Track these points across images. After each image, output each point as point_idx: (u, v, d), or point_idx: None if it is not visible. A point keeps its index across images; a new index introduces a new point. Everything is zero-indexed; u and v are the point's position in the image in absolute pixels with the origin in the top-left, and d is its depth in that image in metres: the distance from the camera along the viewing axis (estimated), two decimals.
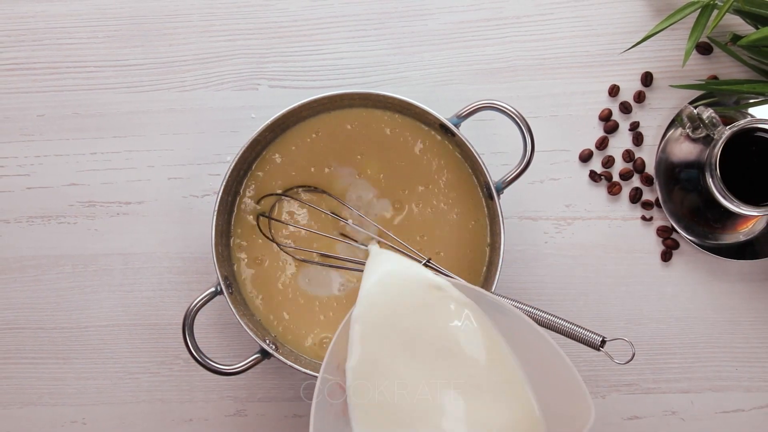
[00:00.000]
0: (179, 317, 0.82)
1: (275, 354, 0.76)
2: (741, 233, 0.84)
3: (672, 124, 0.84)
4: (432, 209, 0.80)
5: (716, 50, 0.85)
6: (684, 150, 0.84)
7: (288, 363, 0.76)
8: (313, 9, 0.86)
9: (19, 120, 0.86)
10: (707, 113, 0.79)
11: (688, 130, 0.82)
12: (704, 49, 0.85)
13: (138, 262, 0.86)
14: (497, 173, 0.78)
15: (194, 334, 0.76)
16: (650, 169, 0.85)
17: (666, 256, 0.85)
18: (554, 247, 0.85)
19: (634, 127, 0.85)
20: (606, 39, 0.85)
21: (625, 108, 0.85)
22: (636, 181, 0.86)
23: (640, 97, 0.85)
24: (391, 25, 0.86)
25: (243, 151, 0.77)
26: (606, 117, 0.85)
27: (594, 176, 0.85)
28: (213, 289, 0.77)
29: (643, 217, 0.85)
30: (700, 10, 0.81)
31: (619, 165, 0.86)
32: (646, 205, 0.85)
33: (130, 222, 0.86)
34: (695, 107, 0.80)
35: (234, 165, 0.77)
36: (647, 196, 0.86)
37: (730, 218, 0.84)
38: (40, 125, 0.86)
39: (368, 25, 0.86)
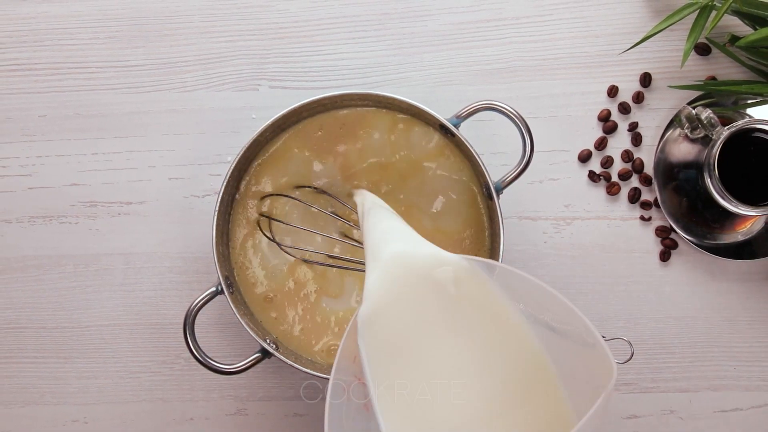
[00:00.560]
0: (180, 317, 0.82)
1: (276, 353, 0.76)
2: (739, 233, 0.85)
3: (670, 125, 0.85)
4: (432, 209, 0.80)
5: (715, 51, 0.85)
6: (682, 150, 0.84)
7: (288, 362, 0.76)
8: (314, 10, 0.86)
9: (20, 120, 0.86)
10: (705, 114, 0.79)
11: (686, 131, 0.82)
12: (703, 50, 0.85)
13: (139, 261, 0.86)
14: (497, 173, 0.78)
15: (195, 334, 0.76)
16: (649, 169, 0.86)
17: (664, 256, 0.85)
18: (553, 247, 0.86)
19: (633, 127, 0.86)
20: (605, 40, 0.85)
21: (624, 108, 0.85)
22: (635, 182, 0.86)
23: (638, 98, 0.85)
24: (391, 25, 0.86)
25: (244, 151, 0.78)
26: (605, 117, 0.86)
27: (593, 176, 0.86)
28: (214, 289, 0.77)
29: (642, 217, 0.86)
30: (698, 11, 0.81)
31: (618, 165, 0.86)
32: (645, 205, 0.86)
33: (131, 222, 0.86)
34: (694, 108, 0.80)
35: (235, 165, 0.77)
36: (646, 196, 0.86)
37: (729, 218, 0.84)
38: (42, 125, 0.86)
39: (368, 26, 0.86)
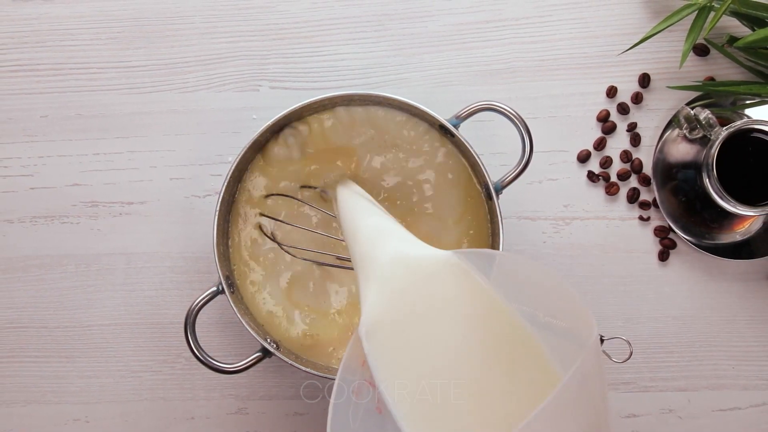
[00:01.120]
0: (181, 316, 0.82)
1: (276, 353, 0.76)
2: (737, 233, 0.85)
3: (669, 125, 0.85)
4: (431, 209, 0.81)
5: (713, 52, 0.85)
6: (681, 150, 0.84)
7: (289, 362, 0.76)
8: (314, 11, 0.86)
9: (22, 121, 0.87)
10: (704, 114, 0.79)
11: (685, 131, 0.82)
12: (701, 51, 0.85)
13: (140, 261, 0.86)
14: (496, 174, 0.78)
15: (196, 333, 0.76)
16: (648, 169, 0.86)
17: (663, 256, 0.86)
18: (553, 247, 0.86)
19: (632, 127, 0.86)
20: (604, 41, 0.86)
21: (623, 109, 0.86)
22: (633, 182, 0.86)
23: (637, 98, 0.86)
24: (391, 26, 0.86)
25: (244, 151, 0.78)
26: (604, 118, 0.86)
27: (592, 176, 0.86)
28: (214, 289, 0.77)
29: (641, 217, 0.86)
30: (697, 12, 0.81)
31: (617, 165, 0.86)
32: (644, 205, 0.86)
33: (132, 222, 0.86)
34: (692, 108, 0.81)
35: (235, 165, 0.78)
36: (645, 196, 0.86)
37: (727, 218, 0.84)
38: (44, 126, 0.87)
39: (368, 27, 0.86)
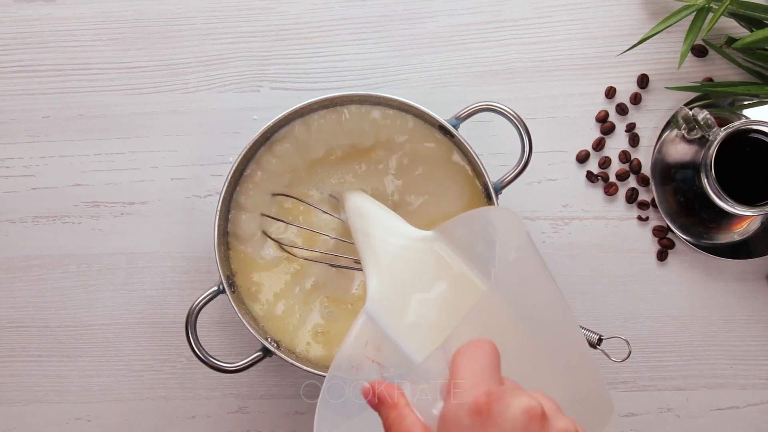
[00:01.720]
0: (182, 316, 0.82)
1: (277, 352, 0.77)
2: (736, 233, 0.85)
3: (668, 126, 0.85)
4: (431, 209, 0.81)
5: (711, 52, 0.86)
6: (679, 151, 0.85)
7: (289, 361, 0.77)
8: (314, 12, 0.86)
9: (24, 121, 0.87)
10: (702, 115, 0.79)
11: (683, 132, 0.82)
12: (699, 52, 0.86)
13: (141, 261, 0.87)
14: (496, 174, 0.79)
15: (197, 333, 0.77)
16: (646, 169, 0.86)
17: (662, 256, 0.86)
18: (552, 247, 0.86)
19: (631, 128, 0.86)
20: (603, 42, 0.86)
21: (622, 109, 0.86)
22: (632, 182, 0.87)
23: (636, 99, 0.86)
24: (391, 27, 0.87)
25: (245, 151, 0.78)
26: (603, 118, 0.86)
27: (591, 177, 0.86)
28: (215, 288, 0.77)
29: (639, 217, 0.86)
30: (695, 13, 0.81)
31: (616, 166, 0.87)
32: (642, 205, 0.86)
33: (133, 222, 0.87)
34: (691, 109, 0.81)
35: (236, 166, 0.78)
36: (643, 196, 0.86)
37: (725, 218, 0.85)
38: (45, 126, 0.87)
39: (368, 28, 0.87)
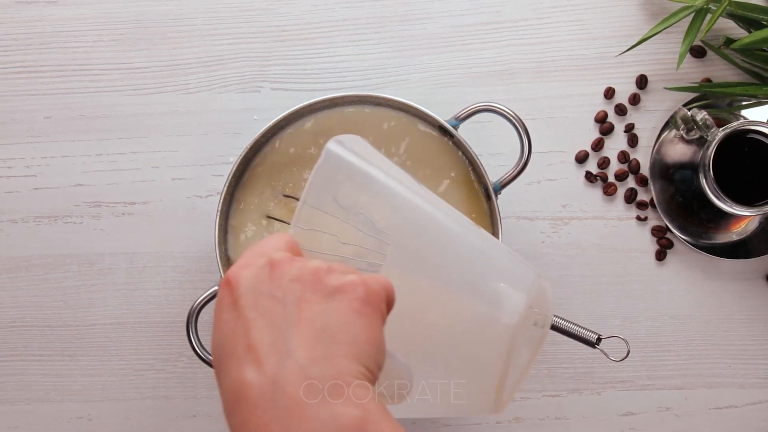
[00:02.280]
0: (183, 315, 0.83)
1: None
2: (734, 233, 0.86)
3: (666, 126, 0.86)
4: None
5: (710, 53, 0.86)
6: (678, 151, 0.85)
7: None
8: (315, 13, 0.87)
9: (26, 122, 0.87)
10: (701, 115, 0.79)
11: (682, 132, 0.83)
12: (698, 53, 0.86)
13: (143, 261, 0.87)
14: (495, 174, 0.79)
15: (198, 332, 0.77)
16: (645, 170, 0.86)
17: (660, 256, 0.86)
18: (551, 247, 0.87)
19: (629, 128, 0.87)
20: (602, 42, 0.86)
21: (621, 110, 0.86)
22: (631, 182, 0.87)
23: (635, 100, 0.86)
24: (391, 28, 0.87)
25: (245, 152, 0.79)
26: (601, 119, 0.87)
27: (590, 177, 0.87)
28: (216, 288, 0.77)
29: (638, 217, 0.87)
30: (693, 14, 0.82)
31: (615, 166, 0.87)
32: (641, 206, 0.86)
33: (135, 222, 0.87)
34: (689, 109, 0.81)
35: (237, 166, 0.78)
36: (642, 196, 0.87)
37: (724, 218, 0.85)
38: (47, 127, 0.87)
39: (368, 29, 0.87)
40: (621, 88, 0.86)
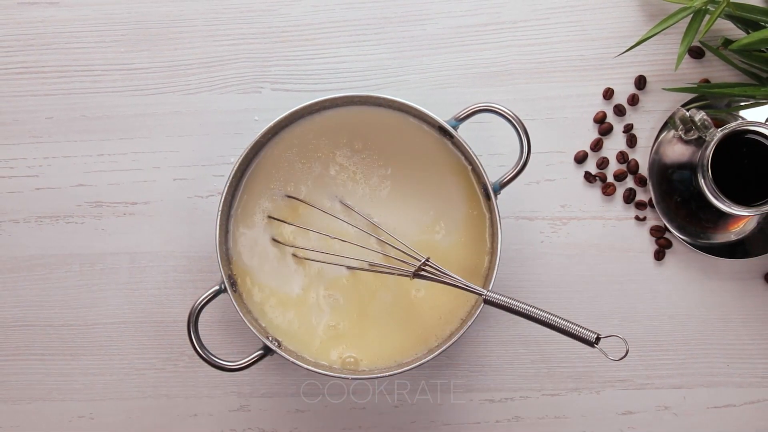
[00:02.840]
0: (184, 315, 0.83)
1: (278, 351, 0.77)
2: (732, 233, 0.86)
3: (665, 127, 0.86)
4: (431, 209, 0.82)
5: (708, 54, 0.86)
6: (677, 151, 0.85)
7: (290, 359, 0.77)
8: (315, 14, 0.87)
9: (28, 122, 0.88)
10: (699, 116, 0.80)
11: (680, 132, 0.83)
12: (696, 53, 0.86)
13: (144, 260, 0.87)
14: (494, 174, 0.79)
15: (199, 331, 0.77)
16: (644, 170, 0.87)
17: (659, 255, 0.87)
18: (550, 247, 0.87)
19: (628, 129, 0.87)
20: (600, 43, 0.86)
21: (619, 111, 0.87)
22: (630, 182, 0.87)
23: (633, 100, 0.87)
24: (391, 29, 0.87)
25: (246, 152, 0.79)
26: (600, 119, 0.87)
27: (589, 177, 0.87)
28: (217, 287, 0.78)
29: (637, 217, 0.87)
30: (692, 15, 0.82)
31: (614, 166, 0.87)
32: (640, 206, 0.87)
33: (136, 222, 0.87)
34: (688, 110, 0.81)
35: (237, 166, 0.79)
36: (641, 196, 0.87)
37: (722, 218, 0.85)
38: (49, 127, 0.87)
39: (368, 30, 0.87)
40: (620, 88, 0.87)
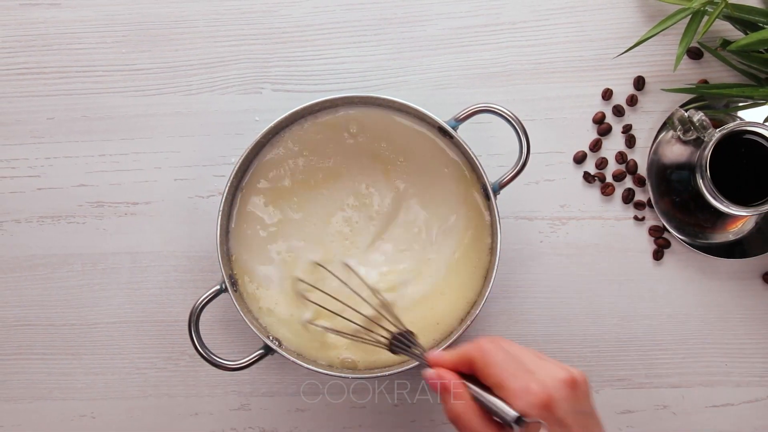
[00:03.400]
0: (185, 314, 0.83)
1: (278, 350, 0.78)
2: (730, 233, 0.86)
3: (663, 127, 0.86)
4: (431, 208, 0.82)
5: (706, 55, 0.86)
6: (675, 152, 0.86)
7: (291, 359, 0.78)
8: (316, 15, 0.87)
9: (29, 123, 0.88)
10: (698, 116, 0.80)
11: (679, 133, 0.83)
12: (695, 54, 0.87)
13: (145, 260, 0.88)
14: (494, 174, 0.80)
15: (200, 331, 0.77)
16: (642, 170, 0.87)
17: (658, 255, 0.87)
18: (549, 246, 0.87)
19: (627, 129, 0.87)
20: (599, 44, 0.87)
21: (618, 111, 0.87)
22: (628, 182, 0.87)
23: (632, 101, 0.87)
24: (391, 30, 0.87)
25: (247, 152, 0.79)
26: (599, 120, 0.87)
27: (588, 177, 0.87)
28: (218, 287, 0.78)
29: (636, 217, 0.87)
30: (690, 16, 0.82)
31: (612, 166, 0.88)
32: (639, 206, 0.87)
33: (137, 222, 0.88)
34: (686, 110, 0.81)
35: (238, 166, 0.79)
36: (639, 196, 0.87)
37: (720, 218, 0.85)
38: (50, 128, 0.88)
39: (368, 31, 0.87)
40: (619, 89, 0.87)
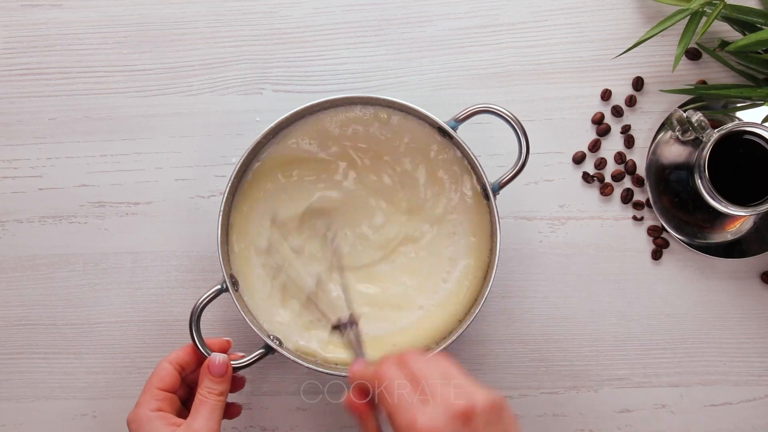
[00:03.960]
0: (186, 314, 0.83)
1: (279, 349, 0.78)
2: (729, 232, 0.86)
3: (662, 127, 0.86)
4: (431, 210, 0.82)
5: (705, 56, 0.87)
6: (674, 152, 0.86)
7: (291, 358, 0.78)
8: (316, 16, 0.88)
9: (31, 123, 0.88)
10: (696, 117, 0.80)
11: (677, 133, 0.83)
12: (693, 55, 0.87)
13: (146, 260, 0.88)
14: (493, 175, 0.80)
15: (201, 330, 0.77)
16: (641, 170, 0.87)
17: (656, 255, 0.87)
18: (548, 246, 0.87)
19: (626, 130, 0.87)
20: (598, 45, 0.87)
21: (617, 112, 0.87)
22: (627, 182, 0.88)
23: (631, 101, 0.87)
24: (391, 31, 0.88)
25: (247, 153, 0.79)
26: (598, 120, 0.87)
27: (587, 177, 0.87)
28: (219, 287, 0.78)
29: (634, 217, 0.87)
30: (689, 17, 0.82)
31: (611, 167, 0.88)
32: (637, 206, 0.87)
33: (138, 222, 0.88)
34: (685, 111, 0.81)
35: (239, 167, 0.79)
36: (638, 196, 0.87)
37: (719, 218, 0.85)
38: (52, 128, 0.88)
39: (368, 32, 0.88)
40: (617, 90, 0.87)
